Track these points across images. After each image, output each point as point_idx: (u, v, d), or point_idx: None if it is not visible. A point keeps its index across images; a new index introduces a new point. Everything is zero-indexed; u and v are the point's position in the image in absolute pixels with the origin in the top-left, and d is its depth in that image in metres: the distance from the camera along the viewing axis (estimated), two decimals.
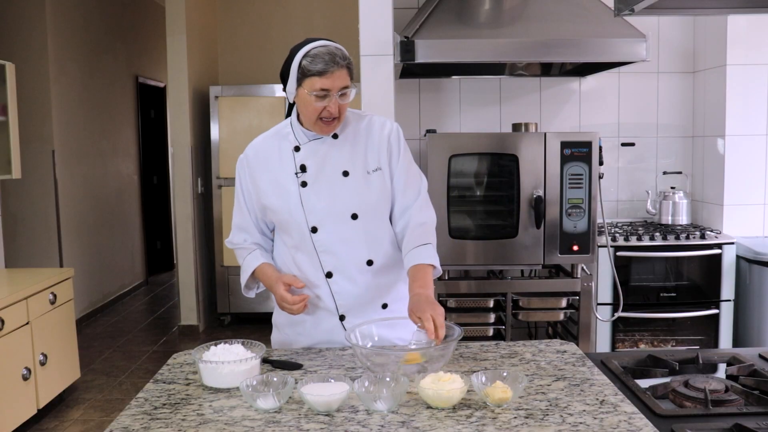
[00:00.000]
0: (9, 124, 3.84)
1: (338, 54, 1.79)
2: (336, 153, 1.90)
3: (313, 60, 1.77)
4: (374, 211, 1.91)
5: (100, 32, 6.19)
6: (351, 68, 1.82)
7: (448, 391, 1.41)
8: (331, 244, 1.88)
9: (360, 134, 1.93)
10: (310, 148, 1.90)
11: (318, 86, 1.77)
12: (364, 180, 1.89)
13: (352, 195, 1.88)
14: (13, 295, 3.31)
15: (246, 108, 5.47)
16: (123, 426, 1.39)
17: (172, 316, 6.06)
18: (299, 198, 1.88)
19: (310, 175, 1.88)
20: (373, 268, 1.91)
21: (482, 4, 3.32)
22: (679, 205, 3.77)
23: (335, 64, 1.77)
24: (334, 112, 1.80)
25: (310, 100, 1.79)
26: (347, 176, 1.89)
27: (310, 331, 1.96)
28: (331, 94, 1.78)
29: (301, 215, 1.87)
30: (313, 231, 1.88)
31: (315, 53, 1.78)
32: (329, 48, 1.80)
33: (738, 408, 1.47)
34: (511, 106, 3.90)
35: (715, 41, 3.70)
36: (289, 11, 6.28)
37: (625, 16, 2.05)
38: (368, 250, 1.90)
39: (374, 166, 1.91)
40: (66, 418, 3.75)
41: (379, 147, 1.92)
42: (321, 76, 1.76)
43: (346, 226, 1.88)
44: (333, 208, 1.87)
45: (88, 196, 5.93)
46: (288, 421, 1.39)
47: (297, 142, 1.91)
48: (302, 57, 1.79)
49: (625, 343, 3.56)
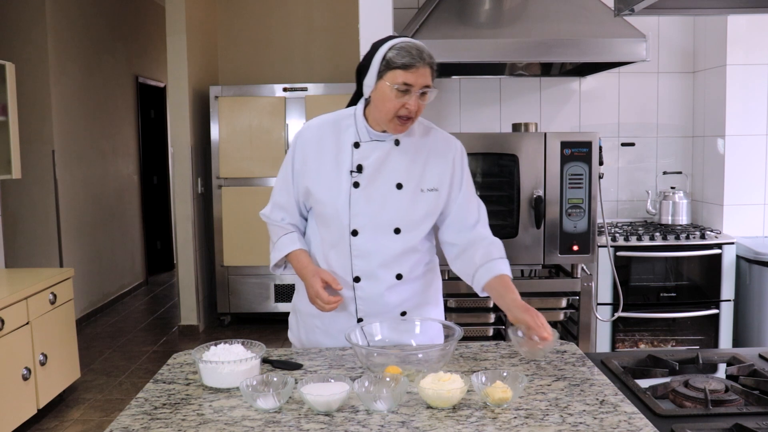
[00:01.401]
0: (9, 124, 3.84)
1: (425, 51, 1.76)
2: (394, 161, 1.86)
3: (399, 52, 1.74)
4: (417, 228, 1.89)
5: (100, 32, 6.19)
6: (434, 69, 1.78)
7: (448, 391, 1.41)
8: (367, 251, 1.86)
9: (422, 148, 1.89)
10: (370, 147, 1.86)
11: (401, 80, 1.73)
12: (416, 196, 1.86)
13: (400, 209, 1.85)
14: (13, 295, 3.31)
15: (246, 108, 5.47)
16: (123, 426, 1.39)
17: (172, 316, 6.06)
18: (348, 198, 1.85)
19: (364, 177, 1.84)
20: (400, 281, 1.90)
21: (482, 4, 3.32)
22: (679, 205, 3.77)
23: (421, 60, 1.73)
24: (413, 109, 1.76)
25: (391, 95, 1.75)
26: (400, 189, 1.85)
27: (327, 325, 1.96)
28: (413, 90, 1.74)
29: (346, 216, 1.85)
30: (354, 234, 1.86)
31: (402, 46, 1.75)
32: (417, 44, 1.77)
33: (738, 408, 1.47)
34: (511, 106, 3.90)
35: (715, 41, 3.70)
36: (289, 11, 6.28)
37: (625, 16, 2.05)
38: (401, 265, 1.89)
39: (431, 185, 1.87)
40: (66, 418, 3.75)
41: (441, 168, 1.89)
42: (406, 69, 1.73)
43: (386, 238, 1.86)
44: (378, 217, 1.85)
45: (88, 196, 5.93)
46: (288, 421, 1.39)
47: (358, 138, 1.86)
48: (388, 49, 1.75)
49: (625, 343, 3.56)
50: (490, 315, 3.29)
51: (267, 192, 6.13)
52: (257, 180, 5.51)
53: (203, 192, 5.74)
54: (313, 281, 1.85)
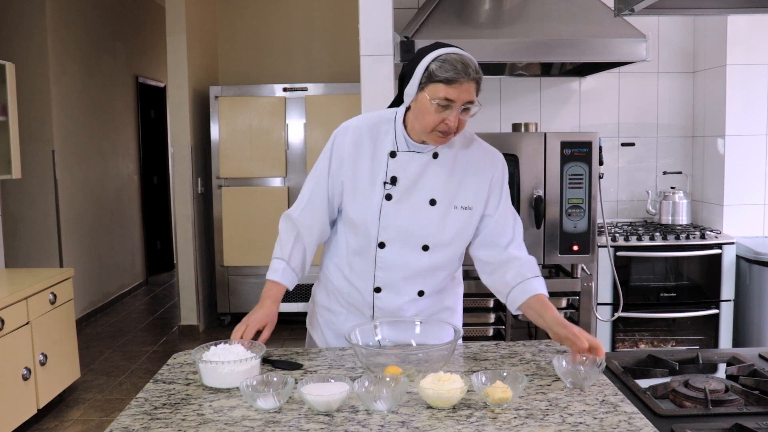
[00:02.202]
0: (9, 124, 3.84)
1: (471, 65, 1.66)
2: (431, 175, 1.79)
3: (443, 65, 1.65)
4: (447, 247, 1.84)
5: (100, 32, 6.19)
6: (480, 83, 1.69)
7: (448, 391, 1.41)
8: (392, 265, 1.83)
9: (461, 163, 1.82)
10: (406, 158, 1.79)
11: (442, 95, 1.65)
12: (448, 213, 1.80)
13: (431, 227, 1.80)
14: (13, 295, 3.31)
15: (246, 108, 5.47)
16: (123, 426, 1.39)
17: (172, 316, 6.06)
18: (379, 209, 1.79)
19: (398, 190, 1.79)
20: (421, 297, 1.88)
21: (482, 4, 3.32)
22: (679, 205, 3.77)
23: (466, 75, 1.64)
24: (453, 125, 1.68)
25: (430, 109, 1.67)
26: (433, 205, 1.79)
27: (341, 323, 1.94)
28: (454, 105, 1.66)
29: (375, 227, 1.80)
30: (380, 246, 1.82)
31: (446, 58, 1.66)
32: (463, 57, 1.67)
33: (738, 408, 1.47)
34: (511, 106, 3.90)
35: (715, 41, 3.70)
36: (289, 11, 6.28)
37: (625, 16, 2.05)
38: (424, 282, 1.86)
39: (466, 203, 1.81)
40: (66, 418, 3.75)
41: (478, 186, 1.82)
42: (448, 84, 1.64)
43: (413, 254, 1.82)
44: (408, 233, 1.80)
45: (88, 196, 5.93)
46: (288, 421, 1.39)
47: (395, 146, 1.80)
48: (432, 60, 1.67)
49: (625, 343, 3.56)
50: (490, 315, 3.29)
51: (267, 192, 6.12)
52: (257, 180, 5.51)
53: (203, 192, 5.74)
54: (256, 315, 1.76)
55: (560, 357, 1.61)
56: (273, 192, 5.49)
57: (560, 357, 1.61)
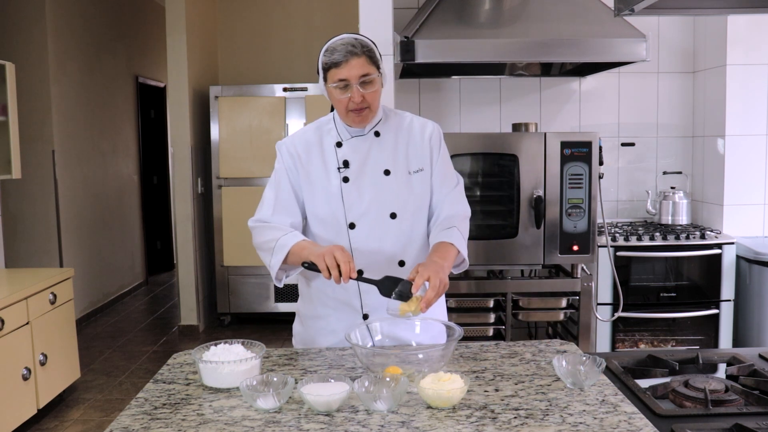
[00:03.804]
0: (9, 124, 3.85)
1: (354, 43, 1.79)
2: (377, 151, 1.92)
3: (327, 52, 1.80)
4: (413, 212, 1.93)
5: (100, 32, 6.19)
6: (372, 56, 1.81)
7: (448, 391, 1.41)
8: (366, 242, 1.88)
9: (401, 134, 1.95)
10: (352, 144, 1.92)
11: (336, 77, 1.78)
12: (406, 180, 1.91)
13: (393, 194, 1.90)
14: (13, 295, 3.31)
15: (246, 108, 5.47)
16: (123, 426, 1.39)
17: (172, 316, 6.06)
18: (340, 193, 1.89)
19: (352, 171, 1.90)
20: (404, 269, 1.89)
21: (482, 4, 3.32)
22: (679, 205, 3.77)
23: (351, 54, 1.77)
24: (357, 100, 1.80)
25: (336, 94, 1.81)
26: (388, 175, 1.90)
27: (333, 325, 1.94)
28: (351, 83, 1.79)
29: (341, 210, 1.88)
30: (351, 227, 1.89)
31: (332, 46, 1.80)
32: (345, 39, 1.81)
33: (738, 408, 1.47)
34: (511, 106, 3.90)
35: (715, 41, 3.70)
36: (289, 11, 6.28)
37: (625, 16, 2.05)
38: (403, 251, 1.91)
39: (416, 167, 1.93)
40: (66, 418, 3.75)
41: (421, 148, 1.94)
42: (338, 66, 1.77)
43: (384, 225, 1.89)
44: (373, 205, 1.89)
45: (88, 196, 5.93)
46: (288, 421, 1.39)
47: (339, 137, 1.93)
48: (322, 53, 1.82)
49: (625, 343, 3.56)
50: (490, 315, 3.29)
51: None
52: (257, 180, 5.50)
53: (203, 192, 5.74)
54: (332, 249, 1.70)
55: (560, 357, 1.61)
56: None
57: (560, 357, 1.61)
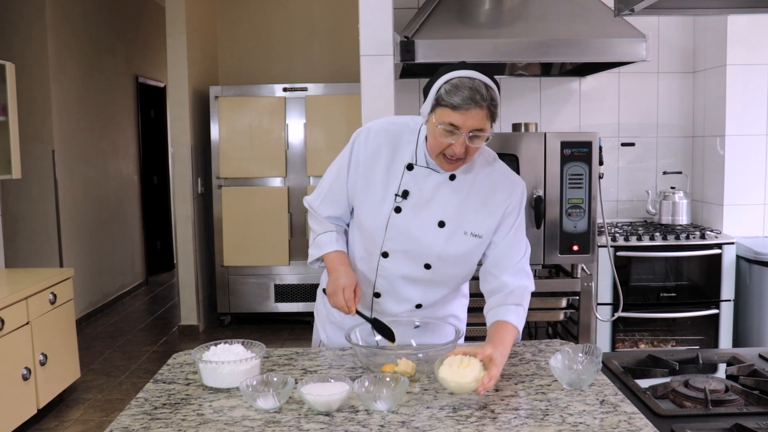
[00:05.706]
0: (9, 124, 3.84)
1: (481, 91, 1.57)
2: (444, 196, 1.75)
3: (452, 90, 1.57)
4: (450, 266, 1.80)
5: (100, 32, 6.19)
6: (494, 111, 1.60)
7: (468, 383, 1.45)
8: (393, 275, 1.83)
9: (480, 189, 1.76)
10: (423, 174, 1.74)
11: (448, 120, 1.58)
12: (456, 237, 1.76)
13: (437, 247, 1.76)
14: (13, 295, 3.31)
15: (246, 108, 5.47)
16: (123, 426, 1.39)
17: (172, 316, 6.06)
18: (387, 221, 1.77)
19: (408, 204, 1.75)
20: (419, 309, 1.89)
21: (482, 4, 3.32)
22: (679, 205, 3.77)
23: (473, 102, 1.56)
24: (458, 152, 1.61)
25: (437, 132, 1.62)
26: (442, 227, 1.75)
27: (342, 318, 1.95)
28: (460, 132, 1.59)
29: (381, 236, 1.79)
30: (384, 255, 1.81)
31: (457, 83, 1.58)
32: (474, 82, 1.58)
33: (738, 408, 1.47)
34: (511, 106, 3.90)
35: (715, 41, 3.70)
36: (289, 11, 6.28)
37: (625, 16, 2.05)
38: (423, 296, 1.86)
39: (477, 231, 1.76)
40: (66, 418, 3.75)
41: (493, 214, 1.76)
42: (454, 110, 1.57)
43: (415, 270, 1.81)
44: (411, 250, 1.78)
45: (88, 196, 5.93)
46: (288, 421, 1.39)
47: (414, 159, 1.75)
48: (443, 83, 1.60)
49: (625, 343, 3.56)
50: None
51: (267, 192, 6.12)
52: (257, 180, 5.51)
53: (203, 192, 5.74)
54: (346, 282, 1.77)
55: (557, 356, 1.61)
56: (273, 192, 5.49)
57: (557, 356, 1.61)
